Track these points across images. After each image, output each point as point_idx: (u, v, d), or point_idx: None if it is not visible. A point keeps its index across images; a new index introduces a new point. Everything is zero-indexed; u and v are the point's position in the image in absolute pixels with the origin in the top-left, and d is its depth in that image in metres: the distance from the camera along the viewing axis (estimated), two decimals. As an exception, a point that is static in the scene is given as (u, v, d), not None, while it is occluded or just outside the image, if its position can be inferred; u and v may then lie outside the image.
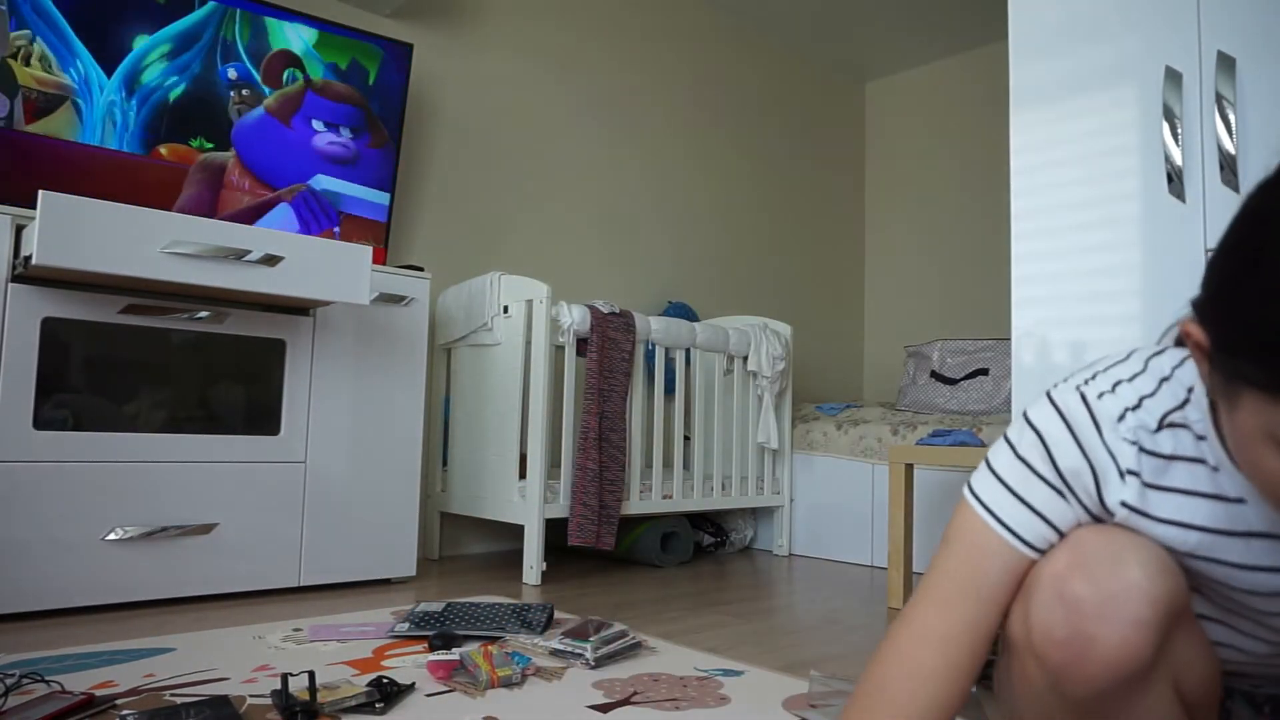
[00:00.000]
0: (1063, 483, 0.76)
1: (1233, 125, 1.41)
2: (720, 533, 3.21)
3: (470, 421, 2.70)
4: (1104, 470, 0.74)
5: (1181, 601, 0.73)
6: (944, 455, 2.29)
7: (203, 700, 1.25)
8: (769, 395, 3.16)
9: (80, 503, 1.89)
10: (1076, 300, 1.60)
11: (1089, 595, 0.70)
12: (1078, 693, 0.72)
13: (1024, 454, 0.78)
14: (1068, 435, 0.76)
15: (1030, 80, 1.69)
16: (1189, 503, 0.74)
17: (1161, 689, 0.74)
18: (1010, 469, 0.79)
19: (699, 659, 1.64)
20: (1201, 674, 0.77)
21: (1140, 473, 0.74)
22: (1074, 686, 0.71)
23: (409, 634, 1.70)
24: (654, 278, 3.66)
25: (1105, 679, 0.70)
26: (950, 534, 0.82)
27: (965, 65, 4.39)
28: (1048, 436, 0.77)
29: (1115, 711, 0.74)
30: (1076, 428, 0.75)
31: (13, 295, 1.84)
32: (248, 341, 2.16)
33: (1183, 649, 0.75)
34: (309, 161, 2.48)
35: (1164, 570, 0.71)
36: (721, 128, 4.00)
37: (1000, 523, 0.78)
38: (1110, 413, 0.74)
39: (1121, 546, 0.72)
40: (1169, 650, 0.73)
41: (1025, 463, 0.78)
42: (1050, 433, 0.76)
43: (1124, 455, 0.74)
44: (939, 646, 0.77)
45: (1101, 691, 0.71)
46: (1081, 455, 0.75)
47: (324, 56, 2.48)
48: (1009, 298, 4.03)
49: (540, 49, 3.33)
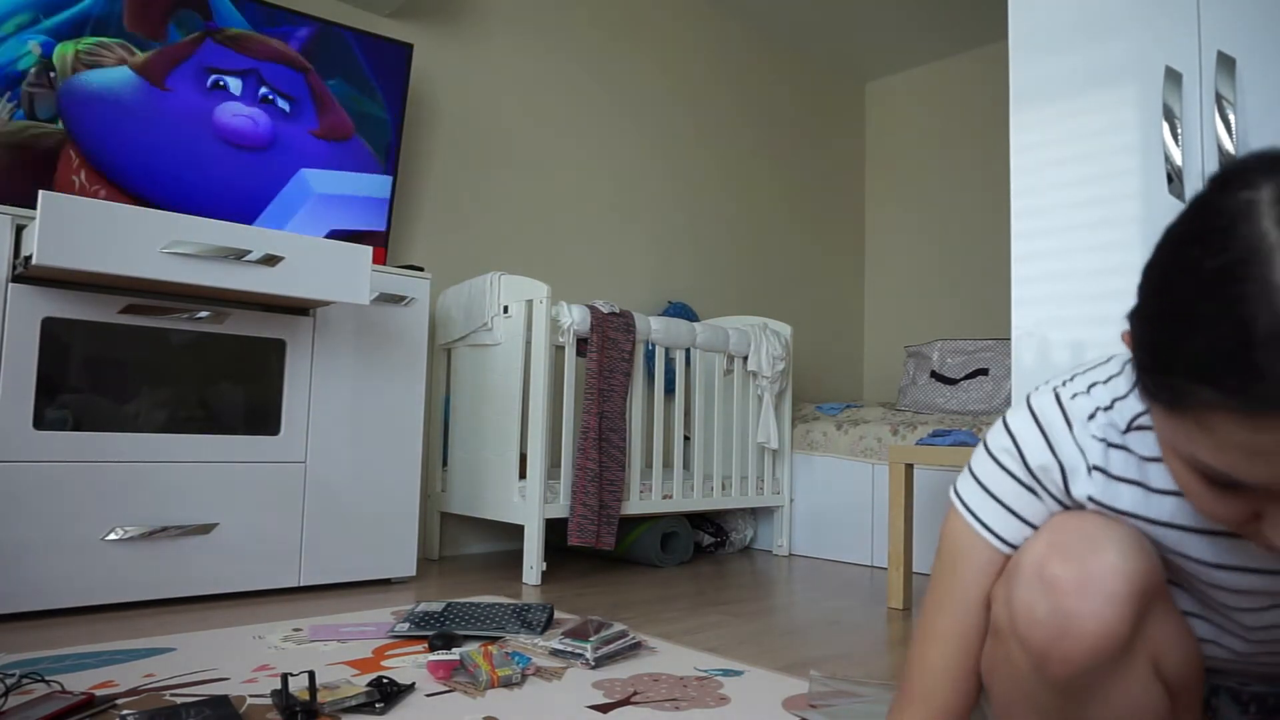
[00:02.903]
0: (1033, 479, 0.81)
1: (1233, 125, 1.41)
2: (720, 533, 3.21)
3: (470, 421, 2.70)
4: (1072, 466, 0.79)
5: (1156, 581, 0.75)
6: (944, 455, 2.29)
7: (203, 700, 1.25)
8: (769, 395, 3.16)
9: (80, 503, 1.89)
10: (1076, 300, 1.60)
11: (1067, 574, 0.73)
12: (1059, 673, 0.74)
13: (998, 457, 0.83)
14: (1039, 436, 0.81)
15: (1030, 80, 1.69)
16: (1154, 499, 0.77)
17: (1141, 670, 0.76)
18: (986, 471, 0.84)
19: (699, 659, 1.64)
20: (1181, 655, 0.78)
21: (1107, 468, 0.78)
22: (1055, 666, 0.73)
23: (409, 634, 1.70)
24: (654, 278, 3.66)
25: (1085, 656, 0.72)
26: (941, 541, 0.88)
27: (965, 65, 4.39)
28: (1020, 438, 0.82)
29: (1097, 692, 0.75)
30: (1048, 428, 0.80)
31: (13, 295, 1.84)
32: (248, 341, 2.16)
33: (1160, 629, 0.77)
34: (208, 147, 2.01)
35: (1139, 550, 0.74)
36: (721, 127, 4.00)
37: (979, 521, 0.84)
38: (1082, 411, 0.79)
39: (1097, 529, 0.75)
40: (1146, 630, 0.75)
41: (999, 464, 0.83)
42: (1022, 435, 0.82)
43: (1092, 451, 0.78)
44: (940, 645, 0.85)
45: (1082, 669, 0.73)
46: (1050, 453, 0.80)
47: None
48: (1009, 298, 4.04)
49: (540, 49, 3.33)
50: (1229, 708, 0.90)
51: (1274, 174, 0.55)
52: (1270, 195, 0.54)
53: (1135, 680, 0.76)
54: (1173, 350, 0.57)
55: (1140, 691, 0.76)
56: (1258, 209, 0.54)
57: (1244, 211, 0.54)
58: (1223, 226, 0.55)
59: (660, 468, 2.77)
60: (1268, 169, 0.56)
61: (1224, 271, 0.54)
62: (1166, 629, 0.77)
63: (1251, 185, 0.55)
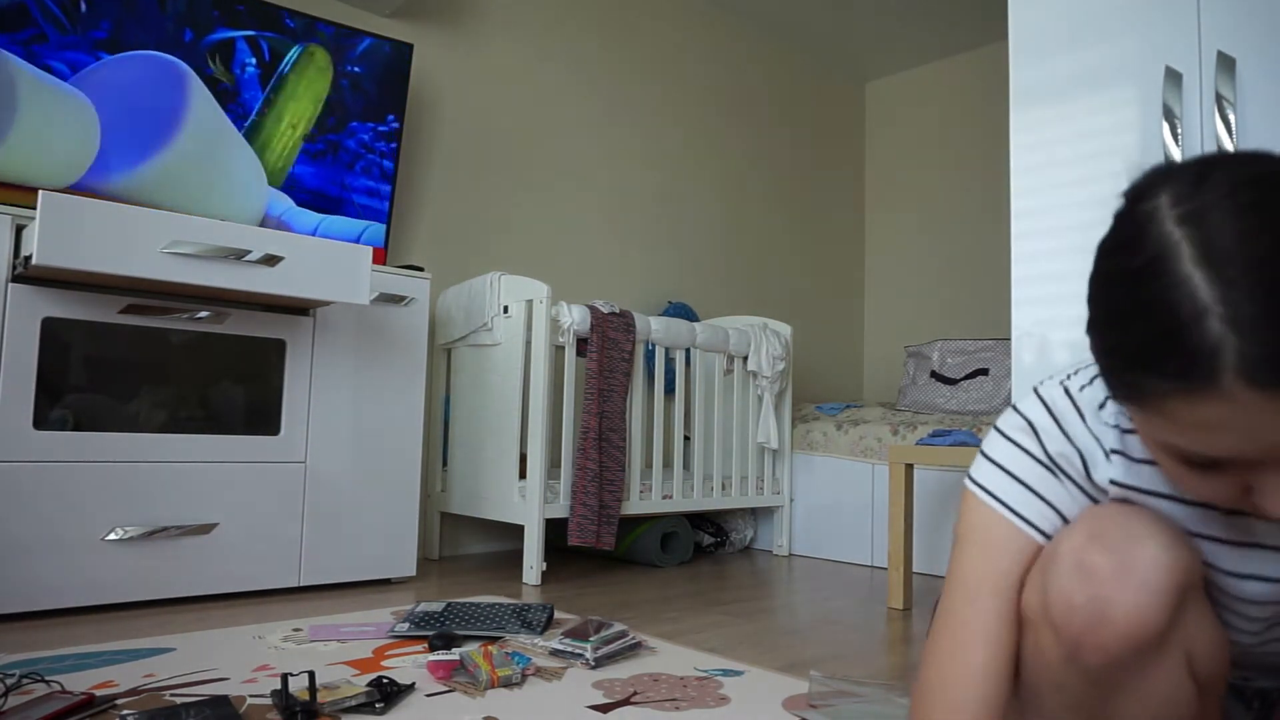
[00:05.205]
0: (1053, 464, 0.82)
1: (1233, 125, 1.41)
2: (720, 533, 3.21)
3: (470, 421, 2.70)
4: (1090, 453, 0.80)
5: (1195, 575, 0.75)
6: (944, 455, 2.29)
7: (203, 700, 1.25)
8: (769, 395, 3.16)
9: (80, 503, 1.89)
10: (1077, 300, 1.60)
11: (1107, 564, 0.73)
12: (1094, 661, 0.73)
13: (1015, 438, 0.83)
14: (1053, 424, 0.82)
15: (1030, 80, 1.69)
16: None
17: (1174, 662, 0.76)
18: (1005, 453, 0.84)
19: (699, 659, 1.64)
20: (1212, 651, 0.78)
21: (1126, 451, 0.79)
22: (1091, 655, 0.73)
23: (409, 634, 1.70)
24: (654, 278, 3.66)
25: (1121, 646, 0.72)
26: (961, 530, 0.85)
27: (965, 65, 4.39)
28: (1036, 423, 0.82)
29: (1129, 682, 0.75)
30: (1061, 417, 0.82)
31: (13, 295, 1.84)
32: (248, 341, 2.16)
33: (1195, 624, 0.77)
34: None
35: (1178, 543, 0.75)
36: (722, 127, 4.00)
37: (1003, 504, 0.83)
38: (1093, 401, 0.81)
39: (1137, 521, 0.76)
40: (1181, 623, 0.75)
41: (1018, 445, 0.83)
42: (1038, 420, 0.82)
43: (1107, 437, 0.80)
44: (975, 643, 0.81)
45: (1117, 660, 0.73)
46: (1068, 441, 0.81)
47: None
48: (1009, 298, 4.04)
49: (540, 48, 3.33)
50: (1233, 703, 0.91)
51: (1169, 183, 0.64)
52: (1168, 200, 0.63)
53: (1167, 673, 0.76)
54: (1118, 349, 0.64)
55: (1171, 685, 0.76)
56: (1160, 214, 0.62)
57: (1149, 217, 0.63)
58: (1136, 234, 0.64)
59: (660, 468, 2.77)
60: (1163, 180, 0.65)
61: (1143, 271, 0.62)
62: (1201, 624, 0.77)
63: (1152, 195, 0.64)
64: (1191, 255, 0.59)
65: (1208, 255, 0.59)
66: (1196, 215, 0.60)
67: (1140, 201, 0.65)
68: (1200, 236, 0.59)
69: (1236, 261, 0.57)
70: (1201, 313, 0.58)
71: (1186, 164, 0.65)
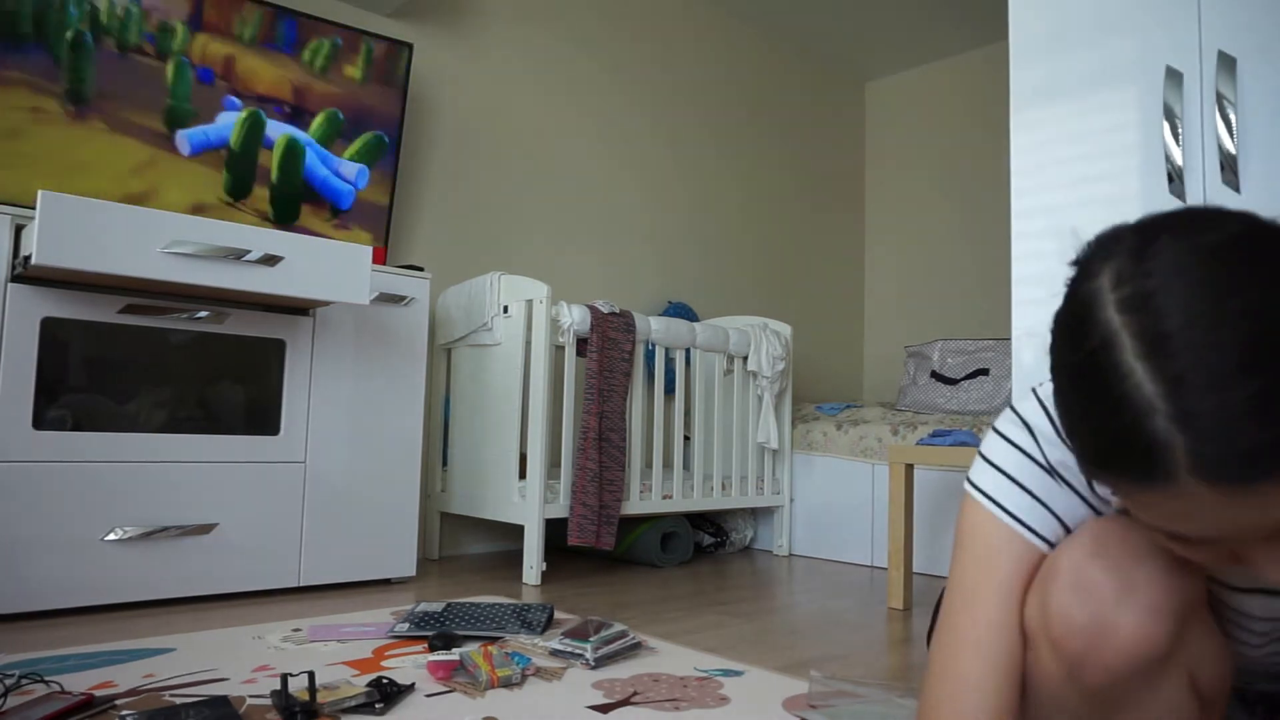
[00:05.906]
0: (1053, 470, 0.79)
1: (1233, 125, 1.41)
2: (720, 533, 3.21)
3: (470, 421, 2.70)
4: None
5: (1198, 593, 0.74)
6: (944, 455, 2.29)
7: (202, 700, 1.25)
8: (769, 395, 3.16)
9: (80, 503, 1.89)
10: (1077, 300, 1.60)
11: (1109, 582, 0.71)
12: (1095, 680, 0.72)
13: (1016, 441, 0.81)
14: (1051, 429, 0.79)
15: (1030, 80, 1.69)
16: None
17: (1176, 680, 0.75)
18: (1005, 456, 0.81)
19: (699, 659, 1.64)
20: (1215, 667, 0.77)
21: None
22: (1092, 674, 0.72)
23: (409, 634, 1.70)
24: (654, 278, 3.66)
25: (1123, 666, 0.70)
26: (961, 535, 0.82)
27: (965, 65, 4.39)
28: (1036, 428, 0.80)
29: (1131, 701, 0.74)
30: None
31: (12, 295, 1.84)
32: (247, 341, 2.16)
33: (1198, 640, 0.75)
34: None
35: (1182, 563, 0.72)
36: (721, 127, 4.00)
37: (1003, 509, 0.80)
38: None
39: (1140, 536, 0.73)
40: (1185, 641, 0.74)
41: (1018, 448, 0.80)
42: (1038, 425, 0.80)
43: None
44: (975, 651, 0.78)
45: (1119, 680, 0.71)
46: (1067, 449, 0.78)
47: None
48: (1009, 298, 4.04)
49: (540, 48, 3.33)
50: (1236, 710, 0.90)
51: (1111, 258, 0.60)
52: (1109, 281, 0.59)
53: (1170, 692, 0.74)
54: (1076, 446, 0.62)
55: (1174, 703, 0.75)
56: (1101, 297, 0.59)
57: (1092, 300, 0.60)
58: (1079, 320, 0.61)
59: (660, 468, 2.76)
60: (1106, 253, 0.61)
61: (1086, 366, 0.59)
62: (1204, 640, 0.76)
63: (1094, 274, 0.61)
64: (1133, 348, 0.56)
65: (1150, 348, 0.55)
66: (1138, 300, 0.57)
67: (1085, 279, 0.61)
68: (1140, 326, 0.56)
69: (1181, 355, 0.54)
70: (1147, 411, 0.55)
71: (1133, 230, 0.61)
